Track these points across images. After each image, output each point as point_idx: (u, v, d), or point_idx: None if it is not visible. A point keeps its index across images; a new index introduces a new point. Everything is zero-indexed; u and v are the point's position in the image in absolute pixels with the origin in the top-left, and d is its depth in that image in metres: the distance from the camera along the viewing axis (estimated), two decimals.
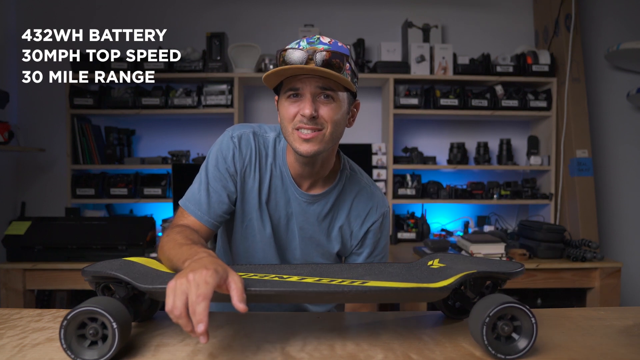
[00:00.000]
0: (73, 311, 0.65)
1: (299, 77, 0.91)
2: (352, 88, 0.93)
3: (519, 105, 2.72)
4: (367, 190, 1.10)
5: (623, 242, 3.01)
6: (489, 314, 0.65)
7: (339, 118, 0.94)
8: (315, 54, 0.88)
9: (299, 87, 0.91)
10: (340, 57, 0.89)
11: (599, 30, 3.00)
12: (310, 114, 0.90)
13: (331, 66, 0.88)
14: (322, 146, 0.94)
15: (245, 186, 1.05)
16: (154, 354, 0.69)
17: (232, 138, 1.04)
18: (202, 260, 0.70)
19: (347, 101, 0.96)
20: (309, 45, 0.91)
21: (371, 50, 2.97)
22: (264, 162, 1.05)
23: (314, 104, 0.91)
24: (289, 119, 0.93)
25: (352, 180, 1.10)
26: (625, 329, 0.81)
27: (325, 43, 0.92)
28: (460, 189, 2.77)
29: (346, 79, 0.89)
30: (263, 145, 1.05)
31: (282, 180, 1.05)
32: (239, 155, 1.03)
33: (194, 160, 2.75)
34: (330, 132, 0.93)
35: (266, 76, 0.90)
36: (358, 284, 0.73)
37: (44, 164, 2.90)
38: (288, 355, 0.69)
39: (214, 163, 1.03)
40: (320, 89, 0.91)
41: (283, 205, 1.06)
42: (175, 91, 2.71)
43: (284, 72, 0.89)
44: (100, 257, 2.10)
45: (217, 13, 2.94)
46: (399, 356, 0.68)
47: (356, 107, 1.02)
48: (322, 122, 0.92)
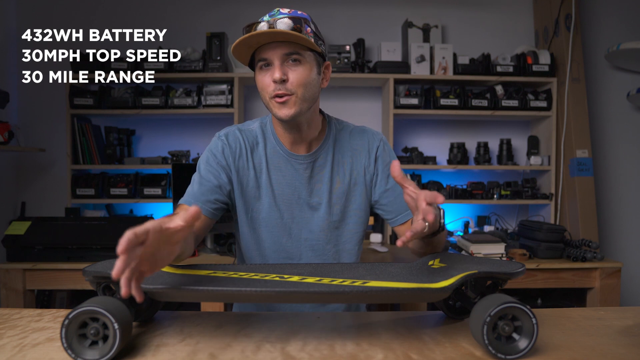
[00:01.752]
0: (75, 311, 0.65)
1: (265, 47, 0.97)
2: (316, 49, 0.99)
3: (519, 105, 2.72)
4: (357, 129, 1.16)
5: (623, 242, 3.01)
6: (490, 314, 0.65)
7: (308, 80, 0.99)
8: (275, 22, 0.94)
9: (267, 57, 0.97)
10: (298, 21, 0.95)
11: (599, 30, 3.00)
12: (280, 77, 0.95)
13: (293, 30, 0.94)
14: (298, 108, 0.99)
15: (242, 178, 1.09)
16: (154, 354, 0.69)
17: (219, 137, 1.10)
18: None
19: (315, 62, 1.01)
20: (270, 17, 0.98)
21: (371, 50, 2.97)
22: (255, 150, 1.10)
23: (282, 68, 0.97)
24: (264, 88, 0.99)
25: (340, 126, 1.15)
26: (625, 329, 0.81)
27: (285, 13, 0.98)
28: (460, 189, 2.77)
29: (307, 38, 0.95)
30: (251, 136, 1.11)
31: (279, 156, 1.09)
32: (228, 150, 1.08)
33: (194, 160, 2.75)
34: (302, 94, 0.98)
35: (234, 48, 0.97)
36: (359, 284, 0.73)
37: (44, 164, 2.90)
38: (288, 355, 0.69)
39: (205, 160, 1.09)
40: (286, 54, 0.96)
41: (290, 179, 1.09)
42: (175, 91, 2.71)
43: (249, 40, 0.95)
44: (100, 257, 2.10)
45: (217, 13, 2.94)
46: (399, 356, 0.68)
47: (327, 69, 1.07)
48: (292, 88, 0.97)
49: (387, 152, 1.14)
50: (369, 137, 1.14)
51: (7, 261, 2.13)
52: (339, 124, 1.16)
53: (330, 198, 1.10)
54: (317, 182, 1.10)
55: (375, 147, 1.13)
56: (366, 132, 1.15)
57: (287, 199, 1.09)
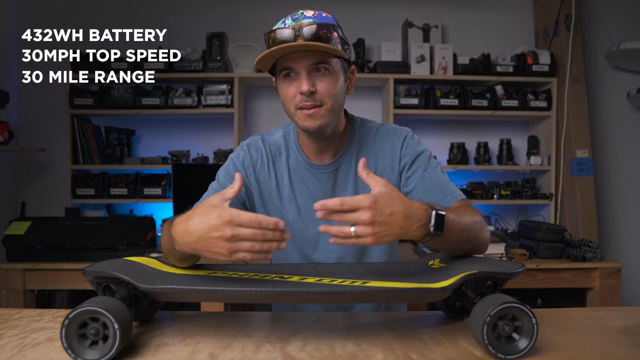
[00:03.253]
0: (75, 311, 0.65)
1: (290, 56, 0.92)
2: (344, 56, 0.94)
3: (519, 105, 2.72)
4: (383, 130, 1.09)
5: (623, 242, 3.01)
6: (490, 314, 0.65)
7: (337, 90, 0.95)
8: (301, 29, 0.89)
9: (292, 66, 0.92)
10: (326, 27, 0.89)
11: (599, 30, 3.00)
12: (308, 90, 0.91)
13: (319, 38, 0.89)
14: (326, 120, 0.95)
15: (263, 190, 1.06)
16: (154, 354, 0.69)
17: (242, 147, 1.09)
18: (192, 218, 0.72)
19: (342, 69, 0.97)
20: (294, 22, 0.92)
21: (371, 50, 2.97)
22: (277, 160, 1.07)
23: (310, 79, 0.92)
24: (290, 99, 0.95)
25: (365, 128, 1.09)
26: (625, 329, 0.81)
27: (310, 16, 0.93)
28: (460, 189, 2.76)
29: (336, 48, 0.90)
30: (274, 145, 1.08)
31: (301, 167, 1.06)
32: (249, 161, 1.06)
33: (194, 160, 2.75)
34: (331, 105, 0.95)
35: (259, 60, 0.92)
36: (359, 284, 0.73)
37: (44, 164, 2.90)
38: (288, 355, 0.69)
39: (225, 169, 1.07)
40: (313, 64, 0.92)
41: (313, 190, 1.06)
42: (175, 91, 2.71)
43: (275, 53, 0.90)
44: (100, 257, 2.10)
45: (217, 13, 2.94)
46: (399, 356, 0.68)
47: (352, 73, 1.03)
48: (321, 98, 0.93)
49: (411, 146, 1.06)
50: (392, 138, 1.07)
51: (7, 261, 2.13)
52: (364, 125, 1.10)
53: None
54: (341, 191, 1.06)
55: (399, 146, 1.06)
56: (391, 132, 1.09)
57: (312, 211, 1.05)
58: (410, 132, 1.09)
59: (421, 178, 1.03)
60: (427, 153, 1.07)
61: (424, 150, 1.07)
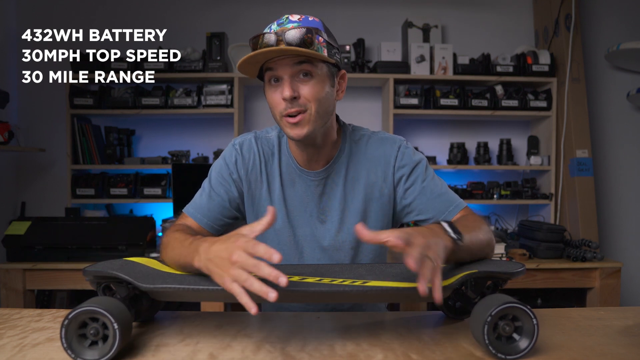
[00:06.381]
0: (74, 311, 0.65)
1: (273, 61, 0.89)
2: (329, 60, 0.91)
3: (519, 105, 2.72)
4: (375, 138, 1.06)
5: (623, 242, 3.01)
6: (491, 314, 0.65)
7: (322, 95, 0.91)
8: (284, 33, 0.86)
9: (276, 72, 0.90)
10: (309, 31, 0.87)
11: (599, 30, 3.00)
12: (291, 95, 0.88)
13: (303, 43, 0.86)
14: (311, 126, 0.92)
15: (254, 191, 1.04)
16: (154, 354, 0.69)
17: (234, 145, 1.05)
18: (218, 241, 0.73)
19: (328, 74, 0.93)
20: (279, 27, 0.90)
21: (371, 50, 2.97)
22: (270, 162, 1.04)
23: (293, 84, 0.89)
24: (275, 106, 0.93)
25: (357, 136, 1.06)
26: (625, 329, 0.81)
27: (295, 21, 0.90)
28: (460, 189, 2.77)
29: (318, 53, 0.88)
30: (267, 146, 1.05)
31: (292, 170, 1.04)
32: (241, 162, 1.03)
33: (194, 160, 2.75)
34: (315, 111, 0.91)
35: (240, 66, 0.89)
36: (359, 284, 0.73)
37: (44, 164, 2.90)
38: (288, 355, 0.69)
39: (218, 169, 1.04)
40: (295, 65, 0.89)
41: (301, 195, 1.03)
42: (175, 91, 2.71)
43: (255, 59, 0.88)
44: (100, 257, 2.10)
45: (217, 13, 2.94)
46: (399, 356, 0.68)
47: (342, 78, 0.99)
48: (305, 103, 0.90)
49: (407, 156, 1.03)
50: (385, 147, 1.04)
51: (7, 261, 2.13)
52: (355, 133, 1.06)
53: (343, 217, 1.03)
54: (329, 200, 1.03)
55: (394, 156, 1.03)
56: (384, 141, 1.05)
57: (300, 216, 1.03)
58: (404, 141, 1.06)
59: (421, 190, 1.02)
60: (424, 162, 1.05)
61: (421, 159, 1.05)
